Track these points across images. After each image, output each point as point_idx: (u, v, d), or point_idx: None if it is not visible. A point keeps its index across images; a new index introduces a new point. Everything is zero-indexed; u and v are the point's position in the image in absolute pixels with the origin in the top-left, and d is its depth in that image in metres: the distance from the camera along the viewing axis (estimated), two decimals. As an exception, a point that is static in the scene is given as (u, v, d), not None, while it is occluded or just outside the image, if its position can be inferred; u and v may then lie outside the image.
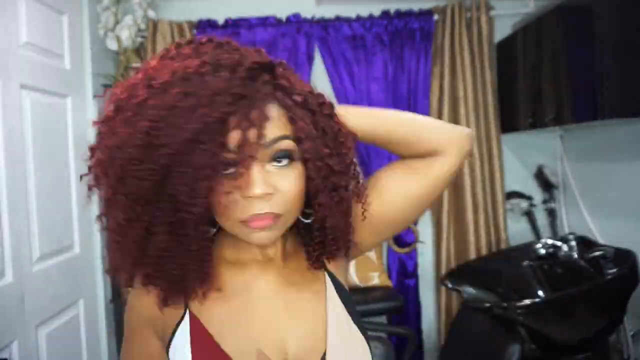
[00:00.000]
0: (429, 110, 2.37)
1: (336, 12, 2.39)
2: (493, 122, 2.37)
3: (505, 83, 2.39)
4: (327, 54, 2.38)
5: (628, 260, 1.56)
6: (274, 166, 0.57)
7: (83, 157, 0.63)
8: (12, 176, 1.45)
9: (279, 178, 0.57)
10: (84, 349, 1.86)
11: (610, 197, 2.08)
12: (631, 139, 1.94)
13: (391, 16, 2.36)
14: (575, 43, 1.83)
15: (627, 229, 1.95)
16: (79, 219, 1.87)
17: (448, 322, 2.35)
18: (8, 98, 1.44)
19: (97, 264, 2.00)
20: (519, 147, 2.53)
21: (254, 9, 2.37)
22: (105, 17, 2.06)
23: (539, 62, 2.06)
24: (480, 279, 1.88)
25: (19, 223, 1.48)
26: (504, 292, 1.87)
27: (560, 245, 1.91)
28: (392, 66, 2.37)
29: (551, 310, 1.49)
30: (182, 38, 2.30)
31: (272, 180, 0.56)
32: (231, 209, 0.56)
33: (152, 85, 0.53)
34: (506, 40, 2.38)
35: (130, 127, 0.52)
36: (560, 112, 1.92)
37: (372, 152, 2.37)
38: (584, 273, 1.77)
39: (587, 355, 1.62)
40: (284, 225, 0.60)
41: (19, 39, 1.53)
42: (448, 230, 2.40)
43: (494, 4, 2.39)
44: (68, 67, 1.86)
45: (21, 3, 1.55)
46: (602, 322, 1.56)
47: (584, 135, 2.26)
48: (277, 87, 0.58)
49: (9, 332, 1.40)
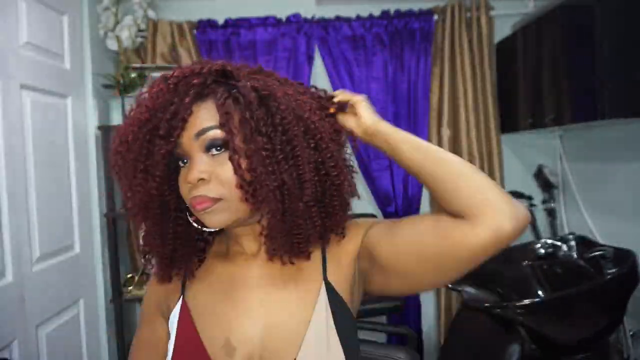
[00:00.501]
0: (429, 110, 2.37)
1: (336, 12, 2.39)
2: (493, 122, 2.37)
3: (505, 83, 2.39)
4: (327, 54, 2.38)
5: (628, 260, 1.56)
6: (212, 154, 0.65)
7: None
8: (12, 176, 1.45)
9: (216, 166, 0.65)
10: (84, 349, 1.86)
11: (610, 197, 2.08)
12: (631, 139, 1.94)
13: (391, 16, 2.36)
14: (575, 43, 1.83)
15: (627, 229, 1.95)
16: (79, 219, 1.87)
17: (448, 322, 2.35)
18: (8, 98, 1.44)
19: (97, 264, 2.00)
20: (519, 147, 2.54)
21: (254, 9, 2.37)
22: (105, 17, 2.05)
23: (538, 62, 2.06)
24: (480, 279, 1.88)
25: (19, 223, 1.48)
26: (504, 292, 1.87)
27: (559, 245, 1.91)
28: (392, 66, 2.37)
29: (551, 310, 1.49)
30: (182, 38, 2.31)
31: (210, 167, 0.64)
32: (184, 193, 0.67)
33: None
34: (506, 40, 2.38)
35: (117, 140, 0.68)
36: (560, 112, 1.92)
37: (372, 152, 2.37)
38: (584, 273, 1.77)
39: (587, 355, 1.62)
40: (229, 209, 0.65)
41: (19, 39, 1.53)
42: (448, 230, 2.39)
43: (494, 4, 2.39)
44: (68, 67, 1.86)
45: (21, 3, 1.54)
46: (601, 322, 1.56)
47: (584, 135, 2.26)
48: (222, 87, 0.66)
49: (9, 332, 1.40)
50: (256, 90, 0.66)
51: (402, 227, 0.68)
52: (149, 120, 0.64)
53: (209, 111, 0.65)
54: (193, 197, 0.65)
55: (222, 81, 0.67)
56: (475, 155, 2.36)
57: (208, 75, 0.66)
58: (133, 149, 0.65)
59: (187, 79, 0.65)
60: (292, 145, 0.64)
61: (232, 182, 0.64)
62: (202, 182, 0.64)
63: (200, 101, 0.65)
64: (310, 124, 0.67)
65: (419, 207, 2.42)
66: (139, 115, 0.65)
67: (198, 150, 0.65)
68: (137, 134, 0.65)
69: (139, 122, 0.65)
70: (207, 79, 0.66)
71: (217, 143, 0.64)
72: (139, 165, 0.66)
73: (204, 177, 0.64)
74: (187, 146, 0.65)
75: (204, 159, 0.65)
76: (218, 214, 0.65)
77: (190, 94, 0.64)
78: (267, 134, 0.64)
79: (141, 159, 0.65)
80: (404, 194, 2.39)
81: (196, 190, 0.64)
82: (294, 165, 0.64)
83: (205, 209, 0.65)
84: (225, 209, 0.65)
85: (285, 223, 0.66)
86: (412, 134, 0.68)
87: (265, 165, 0.63)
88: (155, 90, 0.66)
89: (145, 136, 0.64)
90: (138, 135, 0.65)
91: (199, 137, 0.64)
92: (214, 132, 0.64)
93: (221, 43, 2.33)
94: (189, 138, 0.64)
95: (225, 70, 0.68)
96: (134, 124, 0.65)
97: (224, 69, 0.68)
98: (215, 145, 0.64)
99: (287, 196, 0.64)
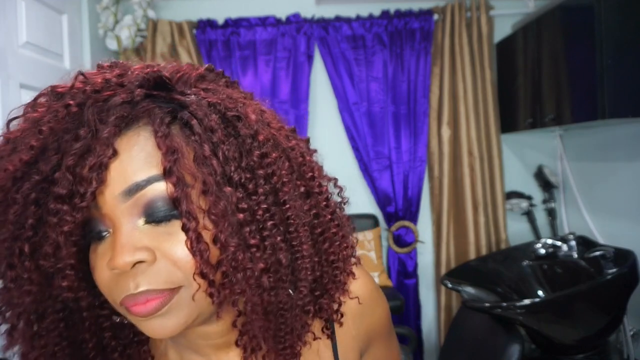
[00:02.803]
0: (429, 110, 2.37)
1: (336, 12, 2.39)
2: (493, 122, 2.37)
3: (505, 83, 2.39)
4: (327, 54, 2.38)
5: (628, 260, 1.55)
6: (151, 223, 0.40)
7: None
8: (12, 176, 1.45)
9: (161, 239, 0.40)
10: (83, 349, 1.86)
11: (610, 196, 2.08)
12: (631, 139, 1.94)
13: (391, 16, 2.36)
14: (574, 43, 1.83)
15: (627, 229, 1.95)
16: (79, 219, 1.86)
17: (448, 322, 2.35)
18: (8, 98, 1.44)
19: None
20: (519, 147, 2.54)
21: (253, 9, 2.37)
22: (105, 17, 2.05)
23: (538, 62, 2.06)
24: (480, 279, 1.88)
25: (19, 223, 1.47)
26: (504, 292, 1.87)
27: (560, 245, 1.91)
28: (392, 66, 2.37)
29: (551, 310, 1.49)
30: (181, 37, 2.31)
31: (151, 241, 0.40)
32: (104, 284, 0.41)
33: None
34: (506, 40, 2.38)
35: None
36: (560, 112, 1.92)
37: (372, 152, 2.37)
38: (584, 273, 1.77)
39: (587, 355, 1.62)
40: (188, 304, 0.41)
41: (19, 38, 1.53)
42: (448, 230, 2.40)
43: (493, 4, 2.39)
44: (68, 67, 1.86)
45: (21, 3, 1.54)
46: (601, 322, 1.56)
47: (584, 135, 2.26)
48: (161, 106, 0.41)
49: (8, 332, 1.40)
50: (217, 109, 0.42)
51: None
52: (33, 169, 0.38)
53: (142, 149, 0.40)
54: (128, 296, 0.40)
55: (158, 95, 0.41)
56: (475, 155, 2.36)
57: (135, 89, 0.40)
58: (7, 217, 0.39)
59: (101, 95, 0.39)
60: (282, 199, 0.43)
61: (189, 263, 0.40)
62: (137, 266, 0.39)
63: (125, 131, 0.40)
64: (299, 159, 0.47)
65: (419, 208, 2.42)
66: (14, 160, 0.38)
67: (128, 216, 0.40)
68: (11, 194, 0.38)
69: (13, 173, 0.38)
70: (135, 94, 0.40)
71: (160, 205, 0.39)
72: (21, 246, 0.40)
73: (143, 260, 0.39)
74: (109, 210, 0.39)
75: (139, 228, 0.40)
76: (172, 316, 0.41)
77: (110, 122, 0.38)
78: (241, 183, 0.41)
79: (26, 234, 0.39)
80: (403, 194, 2.39)
81: (133, 282, 0.39)
82: (286, 233, 0.44)
83: (153, 311, 0.40)
84: (185, 304, 0.41)
85: (270, 321, 0.45)
86: (412, 133, 0.65)
87: (243, 237, 0.41)
88: (43, 116, 0.39)
89: (29, 196, 0.38)
90: (14, 197, 0.38)
91: (131, 196, 0.39)
92: (156, 186, 0.39)
93: (221, 43, 2.33)
94: (113, 197, 0.39)
95: (161, 79, 0.42)
96: (3, 177, 0.38)
97: (159, 77, 0.42)
98: (157, 208, 0.40)
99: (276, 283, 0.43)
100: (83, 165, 0.38)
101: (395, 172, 2.38)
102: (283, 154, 0.45)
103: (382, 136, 2.37)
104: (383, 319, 0.60)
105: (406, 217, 2.41)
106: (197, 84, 0.45)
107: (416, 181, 2.39)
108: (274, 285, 0.43)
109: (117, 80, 0.40)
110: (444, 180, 2.38)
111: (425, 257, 2.51)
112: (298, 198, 0.45)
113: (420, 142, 2.36)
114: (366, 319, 0.58)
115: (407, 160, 2.37)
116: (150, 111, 0.40)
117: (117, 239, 0.39)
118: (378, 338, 0.60)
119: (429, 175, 2.45)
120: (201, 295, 0.41)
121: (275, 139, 0.45)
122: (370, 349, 0.60)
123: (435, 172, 2.41)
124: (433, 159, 2.40)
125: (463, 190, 2.38)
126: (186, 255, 0.39)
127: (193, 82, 0.45)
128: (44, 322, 0.43)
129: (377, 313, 0.59)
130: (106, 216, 0.40)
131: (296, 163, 0.46)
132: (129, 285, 0.39)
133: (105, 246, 0.40)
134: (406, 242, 2.42)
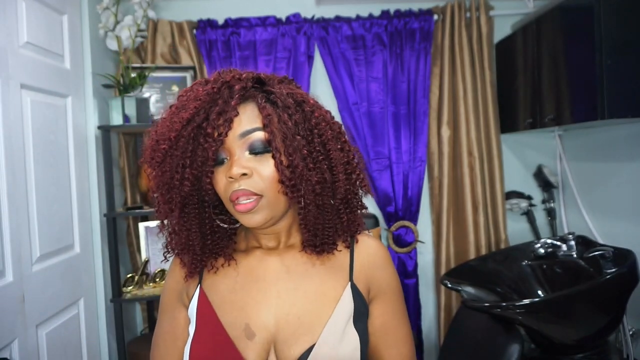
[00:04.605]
0: (429, 110, 2.38)
1: (336, 12, 2.39)
2: (493, 122, 2.38)
3: (504, 83, 2.39)
4: (327, 54, 2.38)
5: (627, 259, 1.56)
6: (253, 154, 0.70)
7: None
8: (12, 176, 1.45)
9: (257, 164, 0.70)
10: (84, 349, 1.86)
11: (609, 196, 2.08)
12: (630, 139, 1.94)
13: (391, 16, 2.36)
14: (574, 43, 1.83)
15: (627, 229, 1.96)
16: (79, 219, 1.87)
17: (448, 322, 2.35)
18: (8, 98, 1.44)
19: (97, 264, 2.00)
20: (519, 147, 2.54)
21: (253, 9, 2.37)
22: (105, 17, 2.05)
23: (538, 62, 2.06)
24: (480, 279, 1.88)
25: (19, 223, 1.48)
26: (504, 292, 1.87)
27: (559, 244, 1.91)
28: (392, 66, 2.37)
29: (550, 309, 1.49)
30: (182, 38, 2.31)
31: (251, 165, 0.69)
32: (222, 189, 0.71)
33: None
34: (506, 40, 2.38)
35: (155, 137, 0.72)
36: (559, 112, 1.92)
37: (372, 152, 2.37)
38: (584, 273, 1.77)
39: (586, 355, 1.62)
40: (268, 207, 0.71)
41: (19, 39, 1.53)
42: (448, 230, 2.40)
43: (493, 4, 2.39)
44: (68, 67, 1.86)
45: (21, 3, 1.55)
46: (601, 321, 1.56)
47: (583, 135, 2.27)
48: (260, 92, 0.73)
49: (9, 332, 1.40)
50: (291, 95, 0.72)
51: (388, 347, 0.80)
52: (193, 120, 0.68)
53: (251, 113, 0.70)
54: (235, 191, 0.69)
55: (258, 87, 0.73)
56: (475, 155, 2.36)
57: (247, 81, 0.71)
58: (178, 146, 0.69)
59: (229, 83, 0.71)
60: (327, 147, 0.72)
61: (272, 178, 0.69)
62: (243, 177, 0.68)
63: (243, 104, 0.71)
64: (336, 129, 0.75)
65: (419, 208, 2.42)
66: (183, 114, 0.68)
67: (240, 148, 0.70)
68: (181, 132, 0.68)
69: (183, 121, 0.68)
70: (247, 84, 0.71)
71: (259, 144, 0.69)
72: (184, 162, 0.69)
73: (246, 172, 0.68)
74: (230, 145, 0.70)
75: (246, 156, 0.70)
76: (260, 214, 0.70)
77: (235, 97, 0.69)
78: (304, 136, 0.71)
79: (187, 155, 0.69)
80: (403, 194, 2.39)
81: (237, 183, 0.68)
82: (329, 165, 0.72)
83: (249, 210, 0.69)
84: (265, 207, 0.70)
85: (319, 217, 0.74)
86: (411, 133, 0.74)
87: (306, 163, 0.70)
88: (200, 92, 0.70)
89: (190, 134, 0.68)
90: (182, 133, 0.68)
91: (243, 137, 0.69)
92: (257, 133, 0.70)
93: (221, 43, 2.33)
94: (234, 137, 0.69)
95: (260, 78, 0.74)
96: (177, 122, 0.68)
97: (259, 77, 0.74)
98: (257, 146, 0.70)
99: (324, 192, 0.72)
100: (219, 119, 0.68)
101: (395, 172, 2.38)
102: (328, 123, 0.74)
103: (382, 136, 2.37)
104: (392, 280, 0.82)
105: (406, 217, 2.41)
106: (279, 83, 0.76)
107: (416, 181, 2.39)
108: (321, 192, 0.72)
109: (237, 76, 0.72)
110: (444, 180, 2.39)
111: (425, 257, 2.51)
112: (336, 149, 0.73)
113: (420, 142, 2.37)
114: (377, 271, 0.80)
115: (407, 161, 2.38)
116: (254, 94, 0.72)
117: (233, 161, 0.69)
118: (384, 297, 0.80)
119: (428, 175, 2.45)
120: (276, 201, 0.71)
121: (324, 115, 0.75)
122: (376, 301, 0.80)
123: (435, 172, 2.41)
124: (433, 159, 2.40)
125: (463, 190, 2.38)
126: (271, 172, 0.70)
127: (277, 82, 0.76)
128: (187, 208, 0.74)
129: (388, 272, 0.81)
130: (227, 149, 0.70)
131: (335, 130, 0.75)
132: (236, 185, 0.69)
133: (225, 167, 0.71)
134: (406, 242, 2.42)
